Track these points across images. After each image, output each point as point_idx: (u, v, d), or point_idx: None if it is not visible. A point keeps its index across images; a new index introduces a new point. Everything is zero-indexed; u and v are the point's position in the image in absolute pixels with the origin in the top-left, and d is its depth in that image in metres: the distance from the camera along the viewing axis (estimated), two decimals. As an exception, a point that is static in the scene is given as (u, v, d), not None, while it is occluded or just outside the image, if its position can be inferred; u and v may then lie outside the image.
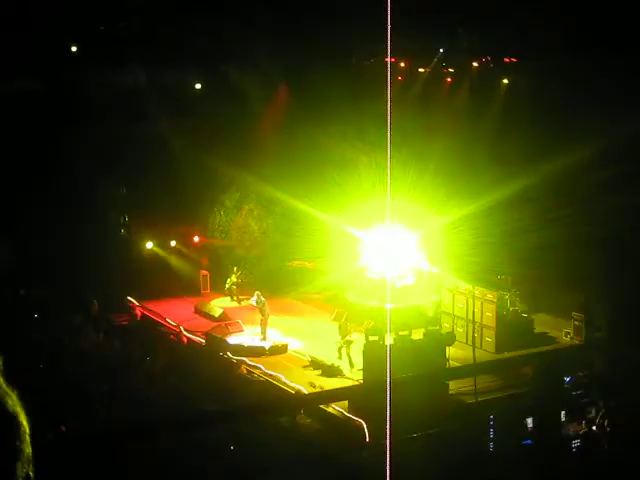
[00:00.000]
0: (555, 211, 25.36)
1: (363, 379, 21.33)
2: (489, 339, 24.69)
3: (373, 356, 20.44)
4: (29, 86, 27.72)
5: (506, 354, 24.26)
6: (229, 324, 26.67)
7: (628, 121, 23.00)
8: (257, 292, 26.52)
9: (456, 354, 22.93)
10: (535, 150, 25.23)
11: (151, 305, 29.04)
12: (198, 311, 28.66)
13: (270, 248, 31.95)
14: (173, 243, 31.70)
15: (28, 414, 2.40)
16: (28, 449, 2.33)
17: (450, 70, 27.42)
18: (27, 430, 2.32)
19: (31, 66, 26.66)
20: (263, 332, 25.81)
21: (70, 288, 27.36)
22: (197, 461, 17.09)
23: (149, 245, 31.20)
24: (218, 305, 29.04)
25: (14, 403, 2.31)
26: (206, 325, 26.83)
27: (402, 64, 27.89)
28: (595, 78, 22.31)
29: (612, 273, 23.75)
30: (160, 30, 25.77)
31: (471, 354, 22.52)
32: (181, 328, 26.42)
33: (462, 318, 25.36)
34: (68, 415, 18.51)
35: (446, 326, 24.67)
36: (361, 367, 21.74)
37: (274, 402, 21.73)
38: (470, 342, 23.82)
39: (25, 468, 2.33)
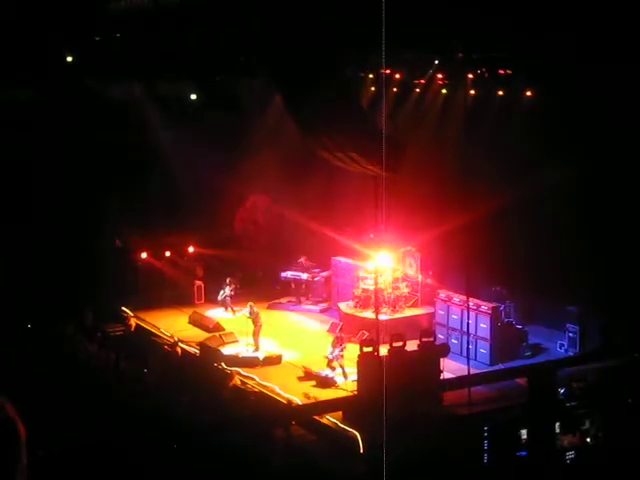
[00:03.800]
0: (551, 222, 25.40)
1: (357, 390, 21.31)
2: (483, 350, 24.72)
3: (367, 367, 20.43)
4: (24, 96, 27.73)
5: (500, 365, 24.29)
6: (223, 335, 26.66)
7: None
8: (250, 303, 26.56)
9: (450, 365, 22.92)
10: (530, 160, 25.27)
11: (145, 315, 29.01)
12: (192, 322, 28.62)
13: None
14: (168, 253, 31.69)
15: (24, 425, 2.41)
16: (24, 457, 2.33)
17: (445, 82, 27.40)
18: (24, 441, 2.33)
19: (26, 76, 26.68)
20: (255, 343, 25.82)
21: (64, 298, 27.32)
22: (190, 473, 17.06)
23: (143, 255, 31.19)
24: (212, 316, 29.02)
25: (12, 413, 2.32)
26: (200, 336, 26.82)
27: (397, 75, 27.89)
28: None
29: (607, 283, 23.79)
30: (156, 40, 25.79)
31: (465, 365, 22.54)
32: (176, 338, 26.39)
33: (456, 329, 25.39)
34: (59, 428, 18.46)
35: (440, 337, 24.67)
36: (355, 378, 21.73)
37: (268, 413, 21.70)
38: (464, 353, 23.86)
39: (22, 475, 2.33)
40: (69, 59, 27.44)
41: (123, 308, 29.04)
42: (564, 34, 20.58)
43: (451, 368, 22.91)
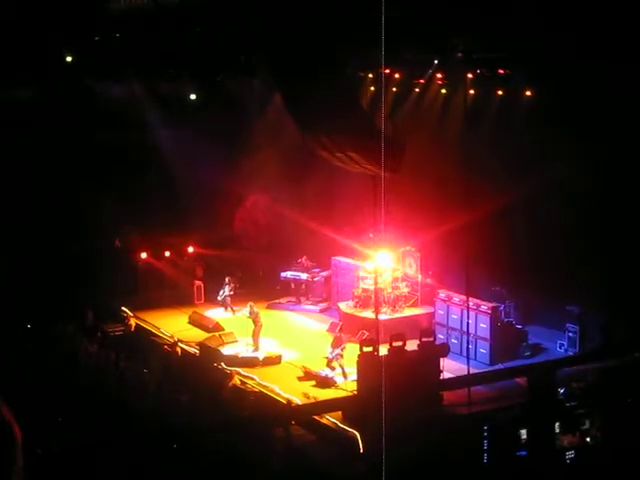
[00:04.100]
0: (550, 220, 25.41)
1: (357, 390, 21.30)
2: (483, 350, 24.71)
3: (367, 367, 20.41)
4: (24, 96, 27.73)
5: (500, 365, 24.28)
6: (223, 335, 26.66)
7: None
8: (250, 303, 26.57)
9: (450, 365, 22.91)
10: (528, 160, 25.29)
11: (145, 315, 29.01)
12: (192, 322, 28.62)
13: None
14: (167, 253, 31.69)
15: (23, 425, 2.40)
16: (20, 459, 2.33)
17: (445, 82, 27.39)
18: (19, 442, 2.32)
19: (26, 76, 26.70)
20: (255, 343, 25.81)
21: (64, 298, 27.34)
22: (190, 473, 17.05)
23: (143, 255, 31.20)
24: (212, 316, 29.01)
25: (7, 415, 2.31)
26: (200, 336, 26.81)
27: (397, 75, 27.88)
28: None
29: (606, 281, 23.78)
30: (155, 40, 25.81)
31: (465, 365, 22.54)
32: (175, 339, 26.38)
33: (456, 329, 25.38)
34: (58, 427, 18.45)
35: (440, 337, 24.66)
36: (355, 378, 21.71)
37: (268, 413, 21.69)
38: (464, 353, 23.85)
39: (18, 477, 2.33)
40: (69, 59, 27.45)
41: (123, 308, 29.05)
42: (564, 34, 20.57)
43: (451, 368, 22.90)
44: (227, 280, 29.77)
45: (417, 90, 28.65)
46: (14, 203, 28.20)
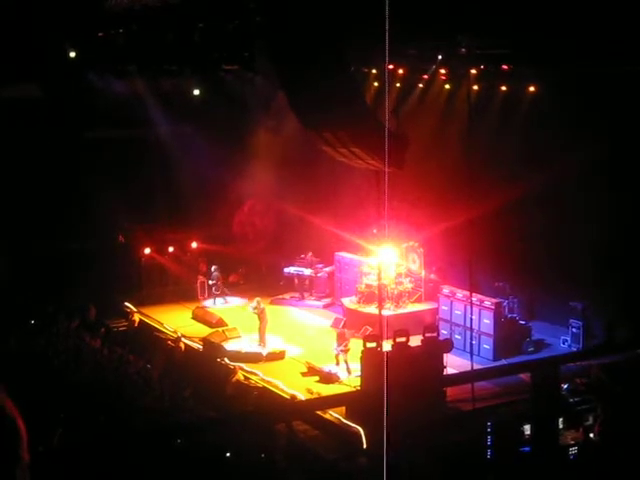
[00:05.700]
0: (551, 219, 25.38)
1: (360, 386, 21.30)
2: (487, 346, 24.70)
3: (371, 363, 20.40)
4: (27, 92, 27.74)
5: (503, 361, 24.27)
6: (226, 330, 26.67)
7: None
8: (257, 299, 26.60)
9: (454, 361, 22.91)
10: (532, 157, 25.27)
11: (148, 311, 29.04)
12: (196, 317, 28.65)
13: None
14: (171, 249, 31.71)
15: (25, 421, 2.39)
16: (25, 455, 2.32)
17: (448, 77, 27.34)
18: (24, 437, 2.31)
19: (28, 72, 26.70)
20: (261, 339, 25.82)
21: (67, 293, 27.36)
22: (192, 469, 17.05)
23: (147, 251, 31.21)
24: (215, 311, 29.02)
25: (11, 409, 2.30)
26: (204, 331, 26.83)
27: (400, 71, 27.84)
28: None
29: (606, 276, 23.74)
30: (159, 35, 25.78)
31: (468, 361, 22.52)
32: (179, 334, 26.40)
33: (460, 325, 25.36)
34: (60, 423, 18.44)
35: (444, 333, 24.65)
36: (359, 374, 21.71)
37: (271, 408, 21.69)
38: (468, 349, 23.83)
39: (23, 474, 2.32)
40: (72, 54, 27.42)
41: (126, 303, 29.08)
42: (567, 29, 20.52)
43: (454, 364, 22.90)
44: (213, 269, 29.98)
45: (421, 85, 28.64)
46: (17, 200, 28.21)
